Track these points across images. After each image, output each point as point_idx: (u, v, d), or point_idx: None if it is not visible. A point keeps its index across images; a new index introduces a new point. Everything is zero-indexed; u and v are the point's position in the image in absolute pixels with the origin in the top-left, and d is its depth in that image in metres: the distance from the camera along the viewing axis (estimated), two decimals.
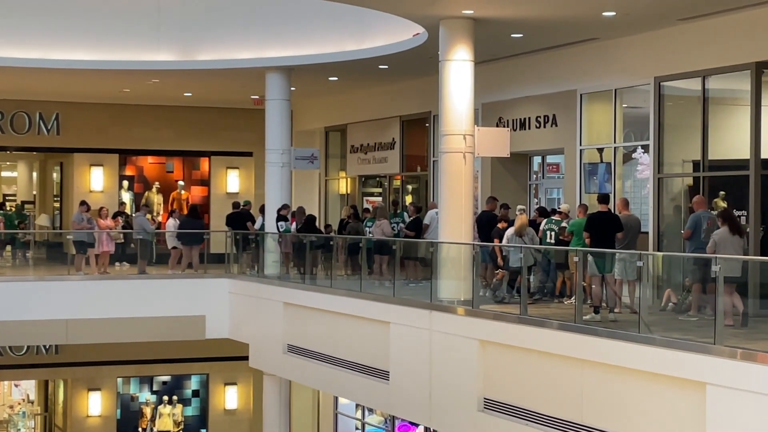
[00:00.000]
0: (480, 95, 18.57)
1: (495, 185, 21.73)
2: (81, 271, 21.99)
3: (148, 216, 25.66)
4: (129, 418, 28.43)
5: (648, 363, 11.98)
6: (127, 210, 28.29)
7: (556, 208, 18.17)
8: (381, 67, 22.12)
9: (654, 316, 13.84)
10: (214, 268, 22.86)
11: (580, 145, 19.72)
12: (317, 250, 20.74)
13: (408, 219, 20.55)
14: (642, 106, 18.50)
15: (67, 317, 21.30)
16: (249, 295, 21.69)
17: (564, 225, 16.90)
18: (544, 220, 17.50)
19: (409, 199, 25.49)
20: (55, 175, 31.13)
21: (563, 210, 17.48)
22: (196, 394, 29.05)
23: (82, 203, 23.04)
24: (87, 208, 22.82)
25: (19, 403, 30.25)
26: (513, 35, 18.35)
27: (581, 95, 19.66)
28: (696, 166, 17.32)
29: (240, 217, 23.37)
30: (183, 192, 29.89)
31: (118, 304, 21.53)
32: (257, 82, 23.26)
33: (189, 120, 29.77)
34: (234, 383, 28.92)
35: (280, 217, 21.86)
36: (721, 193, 16.90)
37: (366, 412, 24.34)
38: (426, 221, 19.69)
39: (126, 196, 29.65)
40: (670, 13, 16.43)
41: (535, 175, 22.45)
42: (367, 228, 20.65)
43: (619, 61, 18.73)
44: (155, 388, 28.69)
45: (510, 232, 16.97)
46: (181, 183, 30.01)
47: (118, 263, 23.70)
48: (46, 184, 32.22)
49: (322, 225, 26.04)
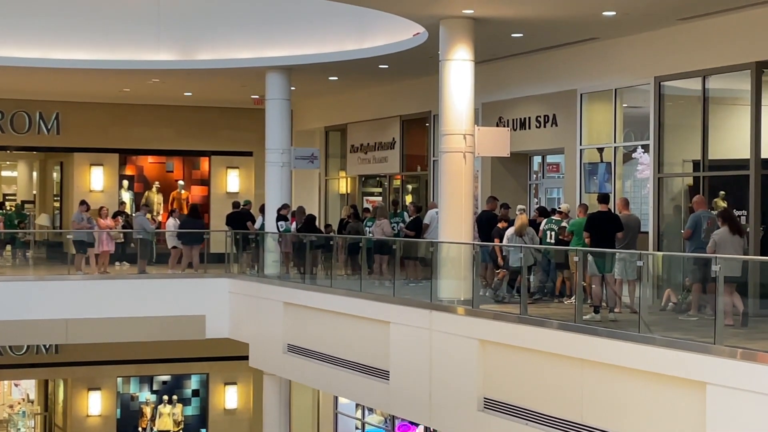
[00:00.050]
0: (480, 95, 18.56)
1: (495, 185, 21.72)
2: (81, 270, 21.98)
3: (148, 215, 25.63)
4: (129, 417, 28.42)
5: (648, 363, 11.97)
6: (127, 209, 28.26)
7: (556, 208, 18.14)
8: (381, 66, 22.11)
9: (654, 316, 13.84)
10: (214, 268, 22.85)
11: (580, 144, 19.71)
12: (317, 249, 20.72)
13: (408, 219, 20.53)
14: (642, 106, 18.49)
15: (67, 317, 21.28)
16: (249, 295, 21.68)
17: (564, 225, 16.88)
18: (544, 220, 17.48)
19: (409, 198, 25.46)
20: (55, 174, 31.10)
21: (563, 210, 17.46)
22: (196, 393, 29.03)
23: (82, 203, 23.03)
24: (87, 207, 22.82)
25: (19, 403, 30.23)
26: (513, 35, 18.34)
27: (581, 95, 19.65)
28: (696, 165, 17.31)
29: (240, 217, 23.37)
30: (183, 192, 29.86)
31: (118, 304, 21.53)
32: (257, 81, 23.26)
33: (189, 120, 29.74)
34: (234, 383, 28.90)
35: (280, 217, 21.85)
36: (721, 192, 16.89)
37: (366, 412, 24.32)
38: (426, 221, 19.68)
39: (126, 196, 29.62)
40: (670, 13, 16.42)
41: (535, 175, 22.44)
42: (367, 228, 20.63)
43: (619, 61, 18.71)
44: (155, 388, 28.67)
45: (510, 231, 16.96)
46: (181, 183, 29.98)
47: (118, 263, 23.67)
48: (46, 184, 32.20)
49: (322, 225, 26.02)
